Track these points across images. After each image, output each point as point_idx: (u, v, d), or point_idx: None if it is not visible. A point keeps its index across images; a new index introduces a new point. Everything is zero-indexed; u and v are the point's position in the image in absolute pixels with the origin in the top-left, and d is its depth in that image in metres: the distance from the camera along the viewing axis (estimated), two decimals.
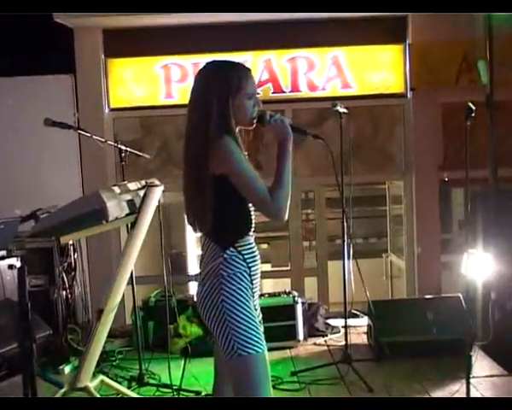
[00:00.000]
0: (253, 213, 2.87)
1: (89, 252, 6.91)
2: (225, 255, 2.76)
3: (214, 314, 2.75)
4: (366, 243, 10.15)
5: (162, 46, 7.12)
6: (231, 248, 2.77)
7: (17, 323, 2.67)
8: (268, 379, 2.79)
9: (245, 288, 2.78)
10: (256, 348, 2.73)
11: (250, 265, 2.82)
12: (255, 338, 2.75)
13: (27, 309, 2.70)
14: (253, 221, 2.88)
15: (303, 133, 3.07)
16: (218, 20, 6.78)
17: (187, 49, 7.10)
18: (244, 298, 2.76)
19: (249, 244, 2.84)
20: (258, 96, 2.90)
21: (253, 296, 2.85)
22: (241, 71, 2.84)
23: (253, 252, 2.86)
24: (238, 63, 2.90)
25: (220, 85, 2.76)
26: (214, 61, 2.92)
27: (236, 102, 2.77)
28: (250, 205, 2.84)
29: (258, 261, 2.90)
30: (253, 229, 2.88)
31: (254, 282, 2.85)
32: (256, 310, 2.88)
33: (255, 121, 2.86)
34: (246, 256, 2.80)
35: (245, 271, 2.79)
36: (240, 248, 2.79)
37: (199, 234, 2.95)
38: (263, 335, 2.82)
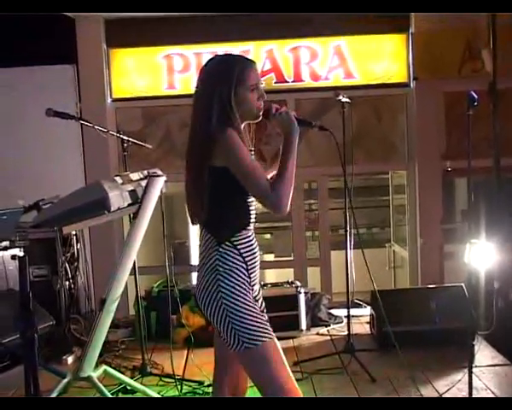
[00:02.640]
0: (253, 207, 2.86)
1: (92, 242, 6.91)
2: (221, 249, 2.77)
3: (215, 311, 2.75)
4: (369, 232, 10.15)
5: (164, 36, 7.10)
6: (227, 243, 2.77)
7: (18, 312, 2.67)
8: (283, 363, 2.78)
9: (242, 282, 2.77)
10: (262, 339, 2.73)
11: (247, 259, 2.80)
12: (259, 329, 2.74)
13: (29, 298, 2.69)
14: (253, 216, 2.87)
15: (309, 125, 3.05)
16: None
17: (189, 38, 7.09)
18: (243, 292, 2.76)
19: (246, 238, 2.83)
20: (262, 87, 2.88)
21: (253, 289, 2.83)
22: (243, 62, 2.83)
23: (251, 246, 2.84)
24: (240, 55, 2.92)
25: (221, 78, 2.76)
26: (216, 56, 2.94)
27: (239, 94, 2.76)
28: (250, 200, 2.83)
29: (257, 254, 2.88)
30: (252, 224, 2.87)
31: (252, 276, 2.84)
32: (258, 301, 2.88)
33: (261, 115, 2.85)
34: (242, 251, 2.79)
35: (241, 266, 2.78)
36: (236, 243, 2.78)
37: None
38: (267, 323, 2.81)
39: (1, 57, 6.61)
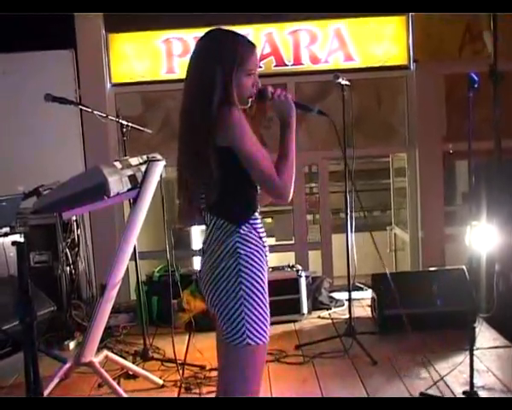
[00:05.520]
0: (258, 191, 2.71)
1: (92, 227, 6.90)
2: (241, 231, 2.60)
3: (227, 298, 2.58)
4: (370, 216, 10.14)
5: (163, 20, 7.06)
6: (247, 224, 2.62)
7: (17, 298, 2.66)
8: (263, 367, 2.71)
9: (263, 269, 2.63)
10: (264, 339, 2.62)
11: (264, 242, 2.67)
12: (265, 328, 2.62)
13: (27, 284, 2.68)
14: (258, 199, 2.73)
15: (307, 110, 2.97)
16: None
17: (188, 22, 7.05)
18: (262, 281, 2.62)
19: (259, 220, 2.69)
20: (257, 74, 2.73)
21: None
22: (247, 45, 2.67)
23: (263, 229, 2.69)
24: (244, 36, 2.72)
25: (226, 55, 2.60)
26: (219, 29, 2.76)
27: (238, 77, 2.60)
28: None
29: (266, 240, 2.73)
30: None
31: (267, 261, 2.71)
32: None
33: (252, 99, 2.70)
34: (260, 233, 2.66)
35: (261, 249, 2.64)
36: (254, 225, 2.64)
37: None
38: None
39: None
